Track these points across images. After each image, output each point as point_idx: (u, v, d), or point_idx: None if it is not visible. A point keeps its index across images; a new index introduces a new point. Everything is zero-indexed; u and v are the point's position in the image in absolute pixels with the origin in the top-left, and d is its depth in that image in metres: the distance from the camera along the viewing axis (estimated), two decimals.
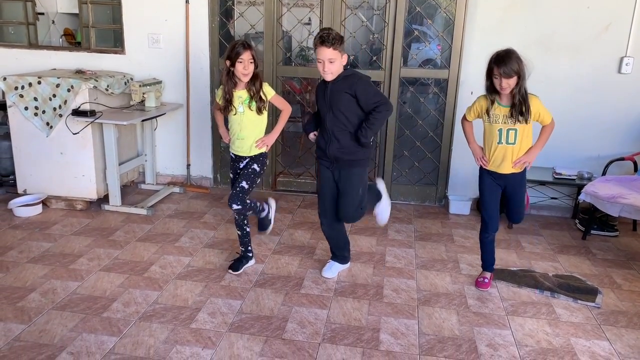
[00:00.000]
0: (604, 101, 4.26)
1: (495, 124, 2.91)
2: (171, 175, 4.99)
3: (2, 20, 4.86)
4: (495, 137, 2.93)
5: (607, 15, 4.08)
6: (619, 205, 3.57)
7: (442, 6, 4.33)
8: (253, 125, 3.07)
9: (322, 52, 2.84)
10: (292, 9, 4.58)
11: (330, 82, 2.93)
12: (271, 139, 3.16)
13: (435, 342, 2.66)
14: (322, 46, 2.82)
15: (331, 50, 2.82)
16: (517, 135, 2.89)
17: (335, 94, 2.94)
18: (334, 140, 3.01)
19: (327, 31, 2.85)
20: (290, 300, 3.00)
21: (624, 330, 2.83)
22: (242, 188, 3.05)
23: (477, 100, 3.02)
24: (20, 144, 4.19)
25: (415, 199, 4.74)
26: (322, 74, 2.91)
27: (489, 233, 3.17)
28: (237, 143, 3.11)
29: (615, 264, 3.63)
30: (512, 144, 2.92)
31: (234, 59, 2.91)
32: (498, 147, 2.94)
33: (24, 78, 4.04)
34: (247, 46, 2.91)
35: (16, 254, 3.43)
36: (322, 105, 3.02)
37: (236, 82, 2.99)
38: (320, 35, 2.84)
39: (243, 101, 3.01)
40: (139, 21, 4.60)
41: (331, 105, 2.96)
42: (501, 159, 2.96)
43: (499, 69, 2.75)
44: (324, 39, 2.81)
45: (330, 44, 2.81)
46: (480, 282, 3.23)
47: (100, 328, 2.65)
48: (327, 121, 3.00)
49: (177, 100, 4.74)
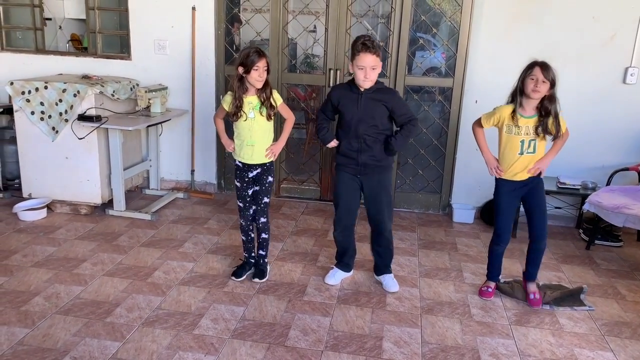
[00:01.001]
0: (608, 111, 4.25)
1: (518, 135, 2.88)
2: (175, 180, 5.00)
3: (10, 25, 4.90)
4: (517, 148, 2.90)
5: (612, 25, 4.09)
6: (623, 216, 3.56)
7: (447, 15, 4.34)
8: (263, 131, 3.09)
9: (366, 58, 2.77)
10: (297, 16, 4.60)
11: (364, 92, 2.91)
12: (278, 147, 3.18)
13: (438, 351, 2.66)
14: (367, 52, 2.77)
15: (374, 57, 2.78)
16: (537, 144, 2.90)
17: (370, 104, 2.92)
18: (366, 148, 2.99)
19: (369, 38, 2.81)
20: (293, 308, 2.99)
21: (627, 341, 2.82)
22: (266, 203, 3.23)
23: (499, 109, 2.95)
24: (26, 148, 4.22)
25: (419, 207, 4.74)
26: (362, 81, 2.85)
27: (501, 245, 3.13)
28: (246, 150, 3.11)
29: (619, 275, 3.62)
30: (532, 153, 2.91)
31: (250, 66, 2.92)
32: (520, 157, 2.91)
33: (30, 83, 4.07)
34: (262, 54, 2.94)
35: (20, 257, 3.44)
36: (353, 114, 2.96)
37: (247, 88, 3.01)
38: (362, 41, 2.78)
39: (254, 107, 3.03)
40: (146, 27, 4.63)
41: (365, 115, 2.94)
42: (520, 170, 2.94)
43: (541, 71, 2.76)
44: (368, 45, 2.76)
45: (374, 50, 2.77)
46: (484, 292, 3.22)
47: (104, 333, 2.65)
48: (359, 130, 2.96)
49: (182, 106, 4.76)
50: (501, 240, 3.11)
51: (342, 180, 3.13)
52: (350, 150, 3.03)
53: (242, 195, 3.22)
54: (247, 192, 3.20)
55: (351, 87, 2.97)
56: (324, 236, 4.05)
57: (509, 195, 3.04)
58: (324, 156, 4.74)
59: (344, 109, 3.00)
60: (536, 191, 3.02)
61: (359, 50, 2.80)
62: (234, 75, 3.04)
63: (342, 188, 3.14)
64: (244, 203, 3.23)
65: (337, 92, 3.04)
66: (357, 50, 2.81)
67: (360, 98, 2.93)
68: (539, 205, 3.03)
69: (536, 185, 3.01)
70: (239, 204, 3.24)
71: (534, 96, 2.81)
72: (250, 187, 3.21)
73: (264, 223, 3.27)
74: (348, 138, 3.03)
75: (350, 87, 2.97)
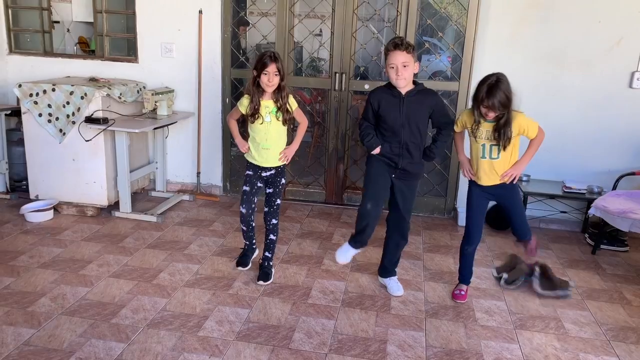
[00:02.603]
0: (614, 115, 4.24)
1: (480, 139, 2.92)
2: (181, 183, 5.02)
3: (19, 28, 4.94)
4: (479, 152, 2.95)
5: (619, 30, 4.08)
6: (629, 220, 3.55)
7: (453, 19, 4.35)
8: (278, 135, 3.12)
9: (396, 56, 2.78)
10: (303, 20, 4.62)
11: (405, 95, 2.88)
12: (291, 151, 3.20)
13: (442, 354, 2.65)
14: (396, 50, 2.77)
15: (405, 54, 2.77)
16: (500, 150, 2.90)
17: (414, 107, 2.90)
18: (406, 155, 2.96)
19: (400, 37, 2.83)
20: (298, 310, 3.00)
21: (633, 346, 2.81)
22: (278, 205, 3.26)
23: (462, 114, 3.04)
24: (34, 150, 4.25)
25: (424, 211, 4.73)
26: (395, 79, 2.82)
27: (471, 245, 3.17)
28: (261, 153, 3.13)
29: (625, 279, 3.61)
30: (496, 158, 2.93)
31: (260, 70, 2.95)
32: (482, 161, 2.96)
33: (38, 85, 4.10)
34: (274, 59, 2.95)
35: (27, 259, 3.46)
36: (395, 118, 2.90)
37: (263, 91, 3.03)
38: (393, 41, 2.81)
39: (270, 111, 3.05)
40: (153, 30, 4.66)
41: (408, 120, 2.91)
42: (484, 173, 2.99)
43: (487, 101, 2.74)
44: (397, 43, 2.78)
45: (404, 47, 2.77)
46: (457, 294, 3.22)
47: (109, 334, 2.67)
48: (402, 135, 2.92)
49: (188, 109, 4.78)
50: (471, 239, 3.15)
51: (376, 166, 3.03)
52: (391, 155, 2.97)
53: (251, 182, 3.21)
54: (256, 181, 3.21)
55: (392, 91, 2.91)
56: (329, 239, 4.06)
57: (478, 197, 3.09)
58: (329, 159, 4.75)
59: (385, 114, 2.93)
60: (509, 193, 3.04)
61: (389, 49, 2.81)
62: (251, 78, 3.06)
63: (376, 171, 3.03)
64: (250, 187, 3.21)
65: (377, 95, 2.97)
66: (388, 50, 2.82)
67: (402, 102, 2.89)
68: (515, 207, 3.07)
69: (508, 188, 3.02)
70: (245, 188, 3.22)
71: (488, 118, 2.84)
72: (260, 180, 3.22)
73: (274, 225, 3.29)
74: (389, 143, 2.97)
75: (391, 90, 2.91)
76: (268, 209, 3.26)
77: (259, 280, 3.27)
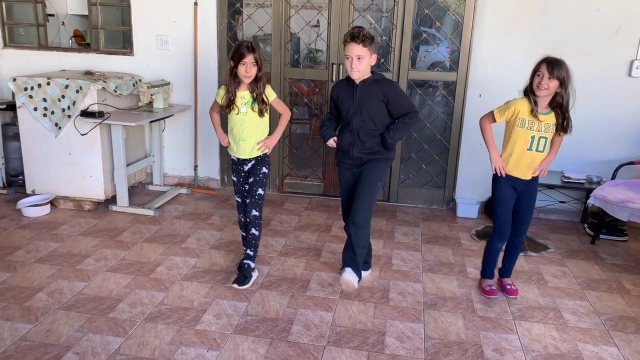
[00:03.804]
0: (614, 105, 4.22)
1: (530, 130, 2.83)
2: (178, 176, 5.00)
3: (13, 21, 4.90)
4: (527, 144, 2.86)
5: (617, 18, 4.05)
6: (628, 210, 3.54)
7: (451, 8, 4.31)
8: (255, 126, 3.07)
9: (351, 48, 2.80)
10: (300, 11, 4.58)
11: (359, 84, 2.90)
12: (272, 141, 3.15)
13: (441, 346, 2.65)
14: (352, 42, 2.79)
15: (360, 47, 2.79)
16: (547, 143, 2.87)
17: (366, 97, 2.91)
18: (358, 142, 2.97)
19: (359, 28, 2.83)
20: (296, 303, 2.99)
21: (632, 336, 2.80)
22: (260, 195, 3.15)
23: (514, 102, 2.87)
24: (29, 145, 4.22)
25: (423, 202, 4.72)
26: (349, 70, 2.86)
27: (502, 241, 3.09)
28: (239, 145, 3.10)
29: (624, 269, 3.60)
30: (541, 151, 2.88)
31: (237, 60, 2.92)
32: (527, 153, 2.87)
33: (33, 79, 4.07)
34: (251, 49, 2.90)
35: (24, 253, 3.45)
36: (349, 107, 2.95)
37: (240, 82, 3.00)
38: (351, 32, 2.82)
39: (246, 102, 3.01)
40: (148, 23, 4.62)
41: (360, 108, 2.92)
42: (525, 166, 2.90)
43: (547, 67, 2.72)
44: (355, 35, 2.79)
45: (360, 40, 2.78)
46: (489, 291, 3.15)
47: (106, 328, 2.65)
48: (354, 123, 2.95)
49: (185, 102, 4.75)
50: (502, 236, 3.06)
51: (341, 175, 3.13)
52: (344, 144, 3.01)
53: (240, 190, 3.20)
54: (243, 187, 3.19)
55: (348, 82, 2.96)
56: (327, 231, 4.04)
57: (508, 191, 2.98)
58: (328, 151, 4.72)
59: (341, 104, 3.00)
60: (533, 190, 3.01)
61: (345, 40, 2.84)
62: (227, 68, 3.02)
63: (342, 182, 3.14)
64: (241, 198, 3.21)
65: (337, 88, 3.04)
66: (345, 40, 2.85)
67: (355, 90, 2.92)
68: (531, 205, 3.04)
69: (534, 184, 3.00)
70: (237, 199, 3.23)
71: (538, 93, 2.76)
72: (246, 182, 3.18)
73: (256, 217, 3.13)
74: (342, 131, 3.04)
75: (347, 81, 2.97)
76: (249, 200, 3.13)
77: (234, 282, 3.08)
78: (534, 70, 2.81)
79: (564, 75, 2.73)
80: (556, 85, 2.74)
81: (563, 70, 2.73)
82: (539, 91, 2.75)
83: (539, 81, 2.75)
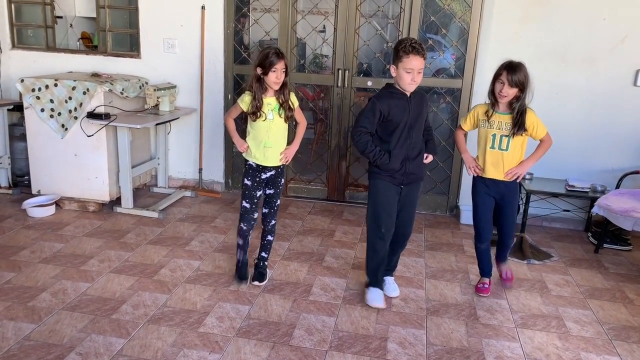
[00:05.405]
0: (618, 114, 4.22)
1: (490, 129, 3.00)
2: (183, 179, 5.02)
3: (22, 23, 4.93)
4: (489, 142, 3.01)
5: (623, 27, 4.05)
6: (632, 219, 3.53)
7: (457, 16, 4.32)
8: (280, 133, 3.07)
9: (415, 61, 2.67)
10: (306, 16, 4.60)
11: (409, 97, 2.82)
12: (291, 151, 3.15)
13: (443, 352, 2.65)
14: (417, 55, 2.66)
15: (423, 60, 2.70)
16: (510, 143, 2.97)
17: (419, 108, 2.86)
18: (412, 157, 2.89)
19: (416, 40, 2.71)
20: (298, 307, 2.99)
21: (635, 346, 2.79)
22: (278, 206, 3.23)
23: (474, 108, 3.14)
24: (36, 145, 4.25)
25: (426, 209, 4.72)
26: (408, 84, 2.73)
27: (482, 243, 3.22)
28: (263, 152, 3.04)
29: (627, 279, 3.59)
30: (505, 150, 2.99)
31: (268, 67, 2.88)
32: (490, 151, 3.02)
33: (41, 80, 4.10)
34: (281, 55, 2.91)
35: (28, 253, 3.47)
36: (403, 121, 2.80)
37: (266, 89, 2.99)
38: (410, 43, 2.67)
39: (273, 108, 3.00)
40: (155, 26, 4.65)
41: (416, 121, 2.85)
42: (492, 165, 3.03)
43: (507, 75, 2.85)
44: (417, 48, 2.66)
45: (424, 53, 2.69)
46: (480, 288, 3.27)
47: (109, 330, 2.66)
48: (412, 137, 2.84)
49: (190, 105, 4.77)
50: (482, 237, 3.20)
51: (383, 189, 2.92)
52: (398, 162, 2.85)
53: (251, 195, 3.10)
54: (256, 192, 3.11)
55: (396, 94, 2.82)
56: (331, 236, 4.05)
57: (483, 194, 3.13)
58: (331, 156, 4.74)
59: (395, 118, 2.81)
60: (512, 195, 3.11)
61: (408, 52, 2.67)
62: (252, 76, 2.98)
63: (384, 197, 2.93)
64: (250, 204, 3.11)
65: (385, 102, 2.80)
66: (406, 52, 2.67)
67: (409, 104, 2.82)
68: (511, 208, 3.13)
69: (513, 190, 3.10)
70: (245, 205, 3.12)
71: (500, 100, 2.94)
72: (259, 189, 3.13)
73: (273, 226, 3.26)
74: (396, 148, 2.84)
75: (392, 93, 2.82)
76: (268, 210, 3.20)
77: (254, 280, 3.22)
78: (496, 75, 2.94)
79: (522, 81, 2.87)
80: (515, 92, 2.89)
81: (522, 76, 2.87)
82: (500, 98, 2.93)
83: (500, 89, 2.90)
